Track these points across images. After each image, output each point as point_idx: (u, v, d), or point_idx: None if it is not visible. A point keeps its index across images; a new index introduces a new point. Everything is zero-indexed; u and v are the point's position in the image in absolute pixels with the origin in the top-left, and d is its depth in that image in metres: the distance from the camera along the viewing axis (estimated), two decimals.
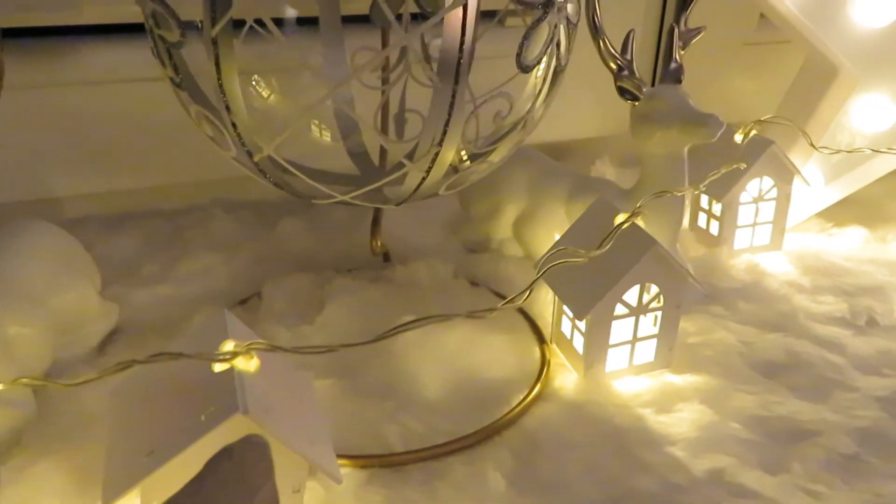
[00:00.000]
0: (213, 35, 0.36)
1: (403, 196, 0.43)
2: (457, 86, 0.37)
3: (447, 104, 0.37)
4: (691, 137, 0.55)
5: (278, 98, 0.43)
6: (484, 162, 0.44)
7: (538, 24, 0.38)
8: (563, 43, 0.42)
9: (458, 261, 0.64)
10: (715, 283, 0.62)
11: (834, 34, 0.65)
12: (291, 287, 0.59)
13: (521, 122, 0.43)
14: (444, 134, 0.39)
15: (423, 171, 0.41)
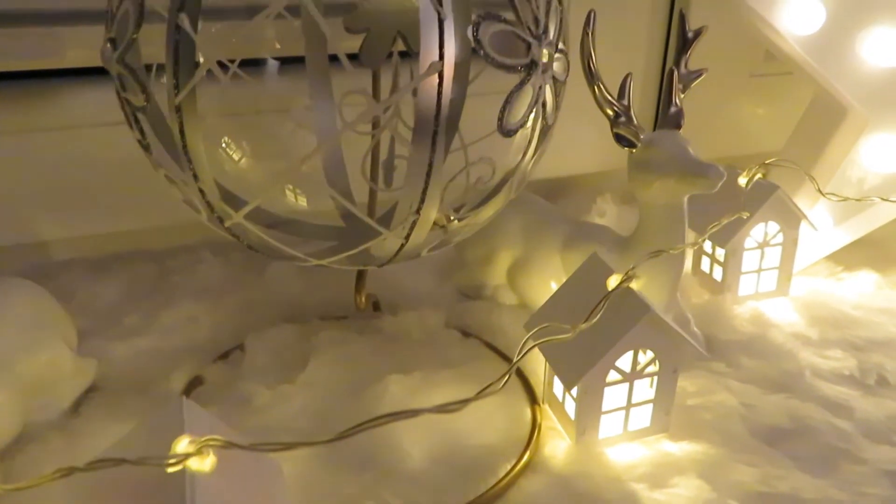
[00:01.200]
0: (177, 103, 0.34)
1: (384, 259, 0.41)
2: (434, 154, 0.35)
3: (423, 171, 0.35)
4: (690, 188, 0.53)
5: (250, 162, 0.41)
6: (469, 224, 0.42)
7: (521, 88, 0.36)
8: (550, 101, 0.39)
9: (450, 308, 0.62)
10: (717, 335, 0.59)
11: (842, 74, 0.62)
12: (276, 339, 0.57)
13: (508, 183, 0.41)
14: (421, 201, 0.36)
15: (401, 237, 0.39)
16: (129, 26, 0.35)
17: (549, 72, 0.38)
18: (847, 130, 0.65)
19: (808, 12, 0.59)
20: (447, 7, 0.33)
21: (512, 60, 0.35)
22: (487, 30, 0.34)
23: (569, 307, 0.47)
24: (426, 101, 0.34)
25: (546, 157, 0.83)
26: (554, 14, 0.38)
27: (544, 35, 0.37)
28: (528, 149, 0.40)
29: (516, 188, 0.43)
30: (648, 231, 0.56)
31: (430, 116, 0.34)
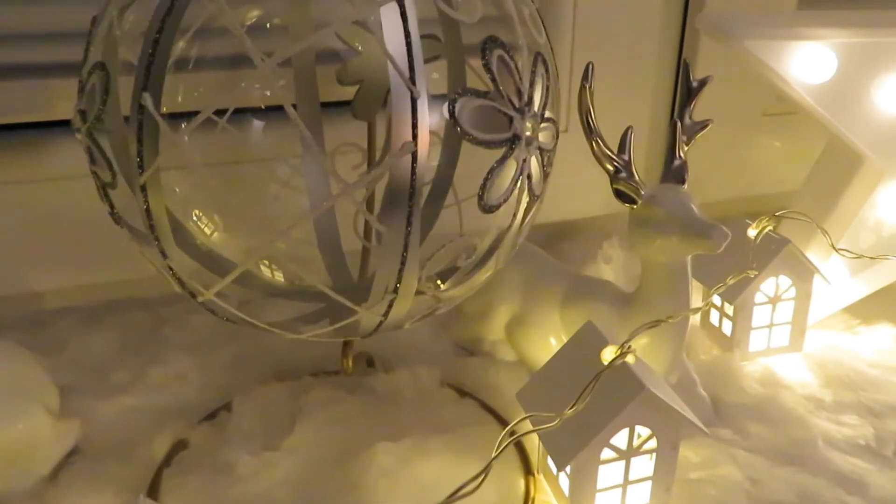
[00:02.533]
0: (142, 182, 0.33)
1: (368, 331, 0.40)
2: (409, 235, 0.33)
3: (399, 250, 0.33)
4: (693, 248, 0.51)
5: (222, 236, 0.40)
6: (456, 295, 0.40)
7: (503, 163, 0.34)
8: (537, 172, 0.38)
9: (446, 364, 0.60)
10: (724, 397, 0.57)
11: (856, 123, 0.59)
12: (264, 398, 0.55)
13: (493, 257, 0.39)
14: (398, 281, 0.35)
15: (379, 315, 0.37)
16: (96, 100, 0.34)
17: (533, 144, 0.36)
18: (862, 180, 0.62)
19: (819, 61, 0.57)
20: (421, 84, 0.31)
21: (492, 136, 0.34)
22: (465, 106, 0.32)
23: (562, 379, 0.45)
24: (399, 181, 0.32)
25: (551, 200, 0.81)
26: (540, 82, 0.36)
27: (528, 107, 0.35)
28: (513, 221, 0.38)
29: (503, 259, 0.41)
30: (651, 290, 0.54)
31: (403, 196, 0.32)
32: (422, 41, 0.49)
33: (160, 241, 0.34)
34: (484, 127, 0.34)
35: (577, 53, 0.71)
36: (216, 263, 0.41)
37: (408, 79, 0.31)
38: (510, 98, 0.34)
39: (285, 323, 0.38)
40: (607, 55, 0.72)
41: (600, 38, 0.71)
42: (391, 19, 0.31)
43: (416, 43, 0.31)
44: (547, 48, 0.39)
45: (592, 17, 0.70)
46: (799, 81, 0.57)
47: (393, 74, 0.31)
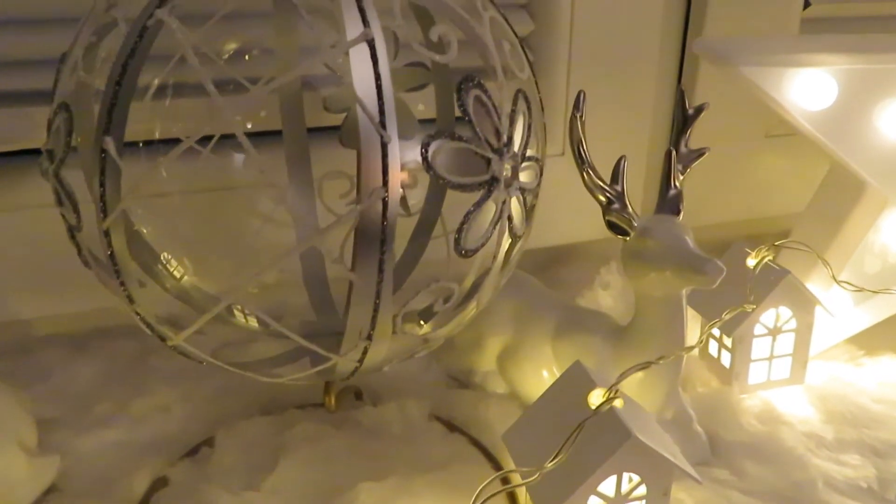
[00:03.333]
0: (105, 227, 0.32)
1: (345, 374, 0.38)
2: (381, 283, 0.32)
3: (371, 298, 0.32)
4: (687, 283, 0.49)
5: (192, 280, 0.39)
6: (437, 337, 0.39)
7: (480, 207, 0.33)
8: (518, 213, 0.36)
9: (436, 397, 0.59)
10: (721, 434, 0.55)
11: (858, 150, 0.58)
12: (247, 433, 0.54)
13: (474, 298, 0.38)
14: (372, 328, 0.33)
15: (354, 361, 0.35)
16: (61, 142, 0.33)
17: (514, 185, 0.34)
18: (865, 208, 0.60)
19: (819, 87, 0.55)
20: (392, 128, 0.30)
21: (469, 179, 0.32)
22: (440, 149, 0.31)
23: (548, 422, 0.43)
24: (370, 227, 0.31)
25: (547, 224, 0.79)
26: (521, 120, 0.35)
27: (507, 147, 0.34)
28: (493, 264, 0.36)
29: (486, 300, 0.39)
30: (645, 324, 0.52)
31: (374, 243, 0.31)
32: (408, 69, 0.48)
33: (125, 286, 0.33)
34: (460, 169, 0.32)
35: (574, 77, 0.70)
36: (195, 302, 0.39)
37: (378, 123, 0.30)
38: (487, 139, 0.33)
39: (260, 366, 0.37)
40: (604, 80, 0.71)
41: (597, 63, 0.70)
42: (361, 61, 0.30)
43: (386, 85, 0.30)
44: (530, 83, 0.38)
45: (589, 40, 0.69)
46: (798, 108, 0.56)
47: (362, 118, 0.30)
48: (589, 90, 0.73)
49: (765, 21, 0.75)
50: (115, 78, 0.30)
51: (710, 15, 0.73)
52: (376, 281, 0.32)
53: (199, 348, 0.39)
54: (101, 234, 0.32)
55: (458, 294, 0.36)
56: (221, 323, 0.38)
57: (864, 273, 0.65)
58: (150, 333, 0.36)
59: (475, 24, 0.34)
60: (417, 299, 0.35)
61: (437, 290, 0.35)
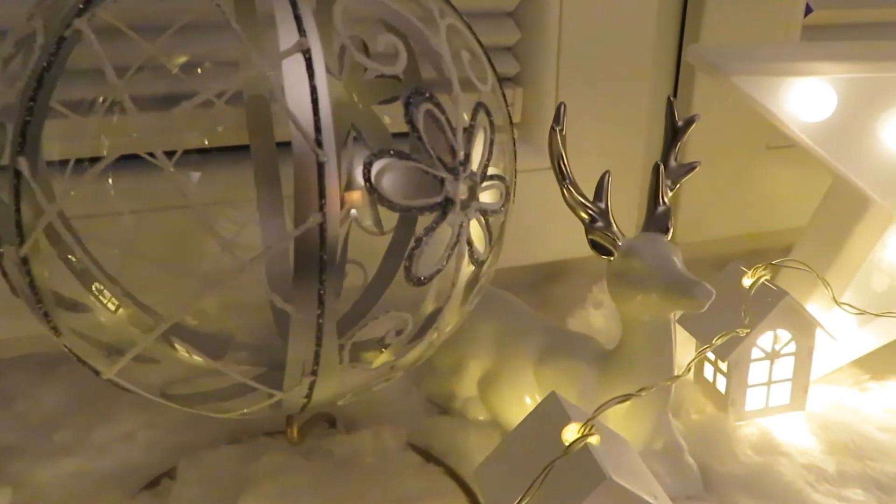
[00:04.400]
0: (23, 254, 0.29)
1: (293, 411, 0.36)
2: (321, 316, 0.29)
3: (312, 332, 0.29)
4: (674, 306, 0.46)
5: (128, 312, 0.36)
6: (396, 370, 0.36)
7: (433, 231, 0.30)
8: (480, 237, 0.33)
9: (414, 424, 0.56)
10: (714, 466, 0.52)
11: (859, 164, 0.55)
12: (211, 464, 0.51)
13: (432, 330, 0.35)
14: (315, 363, 0.31)
15: (301, 396, 0.33)
16: None
17: (472, 206, 0.32)
18: (868, 225, 0.57)
19: (817, 97, 0.52)
20: (329, 147, 0.27)
21: (420, 202, 0.29)
22: (385, 169, 0.28)
23: (521, 458, 0.40)
24: (306, 256, 0.28)
25: (537, 240, 0.76)
26: (482, 136, 0.32)
27: (463, 166, 0.31)
28: (452, 291, 0.33)
29: (447, 331, 0.37)
30: (631, 350, 0.49)
31: (312, 274, 0.28)
32: (380, 81, 0.45)
33: (50, 316, 0.30)
34: (410, 191, 0.29)
35: (563, 88, 0.67)
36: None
37: (313, 141, 0.27)
38: (441, 157, 0.30)
39: (206, 400, 0.34)
40: (595, 90, 0.68)
41: (587, 72, 0.67)
42: (296, 73, 0.27)
43: (323, 100, 0.27)
44: (495, 95, 0.35)
45: (578, 49, 0.66)
46: (795, 119, 0.52)
47: (295, 136, 0.27)
48: (579, 101, 0.71)
49: (765, 28, 0.71)
50: (30, 93, 0.28)
51: (706, 22, 0.70)
52: (316, 314, 0.29)
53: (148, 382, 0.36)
54: (18, 261, 0.29)
55: (412, 325, 0.33)
56: (166, 357, 0.35)
57: (871, 291, 0.61)
58: (82, 364, 0.33)
59: (429, 34, 0.31)
60: (367, 331, 0.32)
61: (389, 320, 0.32)
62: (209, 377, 0.36)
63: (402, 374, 0.38)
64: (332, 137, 0.27)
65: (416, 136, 0.29)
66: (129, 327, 0.35)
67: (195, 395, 0.36)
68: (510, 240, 0.73)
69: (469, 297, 0.36)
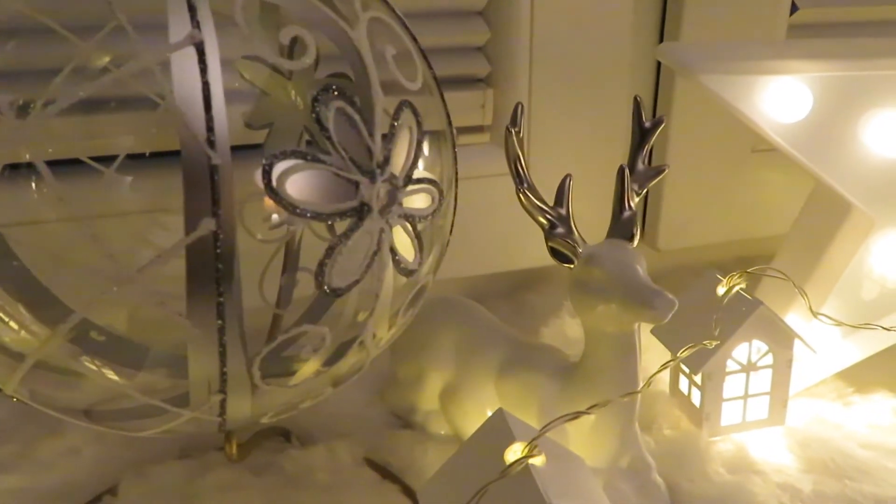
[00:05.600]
0: None
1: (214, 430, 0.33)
2: (223, 331, 0.27)
3: (213, 346, 0.27)
4: (635, 317, 0.44)
5: (34, 331, 0.34)
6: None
7: (348, 238, 0.28)
8: (408, 245, 0.31)
9: (373, 438, 0.54)
10: (684, 487, 0.49)
11: (838, 168, 0.52)
12: (156, 480, 0.49)
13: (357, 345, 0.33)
14: (223, 381, 0.28)
15: (213, 415, 0.30)
16: None
17: (393, 212, 0.29)
18: (850, 232, 0.54)
19: (791, 97, 0.49)
20: (223, 146, 0.25)
21: (331, 207, 0.27)
22: (288, 172, 0.26)
23: (463, 480, 0.38)
24: (201, 266, 0.26)
25: (513, 247, 0.74)
26: (407, 137, 0.30)
27: (381, 169, 0.29)
28: (376, 304, 0.31)
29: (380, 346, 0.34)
30: (594, 362, 0.47)
31: (209, 286, 0.26)
32: (329, 80, 0.43)
33: None
34: (321, 196, 0.27)
35: (536, 89, 0.65)
36: None
37: (204, 140, 0.25)
38: (355, 159, 0.28)
39: (118, 417, 0.32)
40: (570, 91, 0.66)
41: (561, 72, 0.64)
42: (187, 66, 0.25)
43: (217, 97, 0.25)
44: (428, 94, 0.33)
45: (551, 48, 0.63)
46: (769, 120, 0.50)
47: (184, 136, 0.25)
48: (553, 103, 0.68)
49: (749, 26, 0.69)
50: None
51: (686, 20, 0.67)
52: (217, 328, 0.27)
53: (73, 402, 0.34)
54: None
55: (330, 340, 0.31)
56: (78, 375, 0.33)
57: (860, 300, 0.59)
58: None
59: (346, 27, 0.29)
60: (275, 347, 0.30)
61: (304, 336, 0.30)
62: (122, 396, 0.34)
63: (332, 391, 0.36)
64: (226, 137, 0.25)
65: (326, 135, 0.27)
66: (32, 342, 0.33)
67: (113, 413, 0.34)
68: (484, 247, 0.72)
69: (402, 309, 0.34)
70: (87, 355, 0.34)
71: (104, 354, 0.35)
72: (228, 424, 0.32)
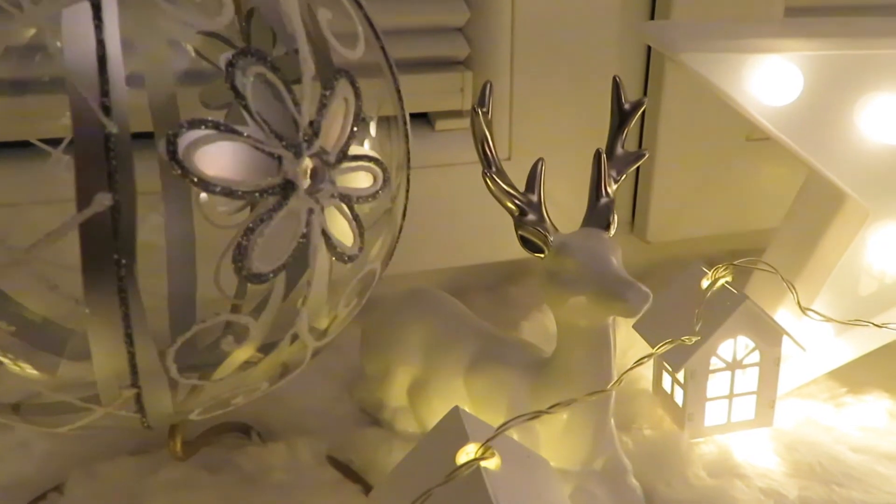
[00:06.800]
0: None
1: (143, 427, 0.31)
2: (129, 318, 0.24)
3: (117, 334, 0.25)
4: (607, 311, 0.41)
5: None
6: None
7: (270, 218, 0.25)
8: (345, 229, 0.28)
9: (338, 435, 0.51)
10: (661, 491, 0.46)
11: (832, 155, 0.49)
12: (105, 477, 0.47)
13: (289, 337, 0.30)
14: (133, 373, 0.26)
15: (131, 411, 0.28)
16: None
17: (324, 191, 0.27)
18: (843, 223, 0.51)
19: (781, 78, 0.46)
20: (121, 114, 0.22)
21: (247, 184, 0.25)
22: (197, 143, 0.24)
23: (413, 484, 0.35)
24: (96, 247, 0.23)
25: (496, 238, 0.71)
26: (342, 109, 0.27)
27: (307, 143, 0.26)
28: (309, 292, 0.28)
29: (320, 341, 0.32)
30: (566, 357, 0.44)
31: (107, 267, 0.23)
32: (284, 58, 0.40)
33: None
34: (237, 170, 0.25)
35: (519, 71, 0.62)
36: None
37: (98, 105, 0.22)
38: (277, 132, 0.25)
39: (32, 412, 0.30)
40: (554, 74, 0.63)
41: (545, 54, 0.61)
42: (80, 25, 0.23)
43: (114, 58, 0.22)
44: (384, 76, 0.30)
45: (534, 29, 0.60)
46: (756, 103, 0.47)
47: (74, 100, 0.22)
48: (536, 86, 0.65)
49: (744, 8, 0.66)
50: None
51: (677, 1, 0.64)
52: (120, 316, 0.24)
53: None
54: None
55: (256, 330, 0.28)
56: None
57: (856, 296, 0.56)
58: None
59: None
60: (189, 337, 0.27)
61: (223, 325, 0.28)
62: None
63: (269, 388, 0.33)
64: (125, 103, 0.23)
65: (242, 104, 0.24)
66: None
67: (36, 408, 0.32)
68: (465, 237, 0.69)
69: (344, 299, 0.31)
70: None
71: (16, 347, 0.32)
72: (151, 421, 0.29)
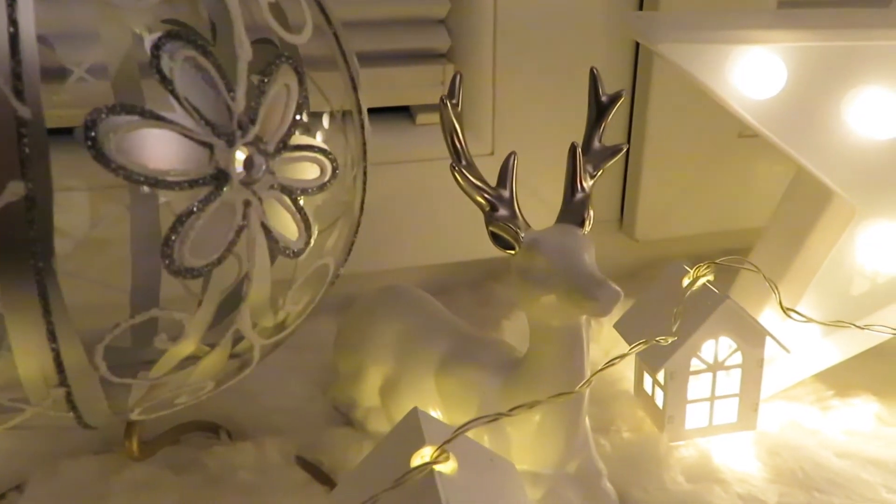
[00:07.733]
0: None
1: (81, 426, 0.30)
2: (49, 314, 0.23)
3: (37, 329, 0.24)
4: (578, 310, 0.40)
5: None
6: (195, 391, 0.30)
7: (202, 210, 0.24)
8: (288, 222, 0.27)
9: (309, 435, 0.50)
10: (636, 496, 0.45)
11: (817, 150, 0.47)
12: (67, 477, 0.46)
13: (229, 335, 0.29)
14: (60, 371, 0.25)
15: (65, 411, 0.27)
16: None
17: (262, 182, 0.25)
18: (830, 221, 0.50)
19: (763, 70, 0.45)
20: (33, 97, 0.21)
21: (173, 175, 0.23)
22: (118, 130, 0.22)
23: (366, 487, 0.34)
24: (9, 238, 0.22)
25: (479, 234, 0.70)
26: (283, 96, 0.26)
27: (241, 131, 0.25)
28: (249, 288, 0.27)
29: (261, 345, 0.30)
30: (539, 358, 0.43)
31: (22, 259, 0.22)
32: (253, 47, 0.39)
33: None
34: (165, 159, 0.23)
35: (501, 63, 0.61)
36: None
37: (10, 90, 0.21)
38: (208, 119, 0.24)
39: None
40: (539, 67, 0.61)
41: (529, 47, 0.60)
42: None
43: (28, 38, 0.21)
44: (337, 65, 0.29)
45: (518, 20, 0.59)
46: (738, 95, 0.45)
47: None
48: (519, 80, 0.64)
49: (735, 2, 0.64)
50: None
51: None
52: (40, 312, 0.23)
53: None
54: None
55: (191, 327, 0.27)
56: None
57: (848, 295, 0.54)
58: None
59: None
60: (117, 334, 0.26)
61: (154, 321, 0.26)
62: None
63: (216, 388, 0.32)
64: (38, 87, 0.21)
65: (169, 88, 0.23)
66: None
67: None
68: (448, 234, 0.68)
69: (293, 294, 0.30)
70: None
71: None
72: (90, 420, 0.28)
